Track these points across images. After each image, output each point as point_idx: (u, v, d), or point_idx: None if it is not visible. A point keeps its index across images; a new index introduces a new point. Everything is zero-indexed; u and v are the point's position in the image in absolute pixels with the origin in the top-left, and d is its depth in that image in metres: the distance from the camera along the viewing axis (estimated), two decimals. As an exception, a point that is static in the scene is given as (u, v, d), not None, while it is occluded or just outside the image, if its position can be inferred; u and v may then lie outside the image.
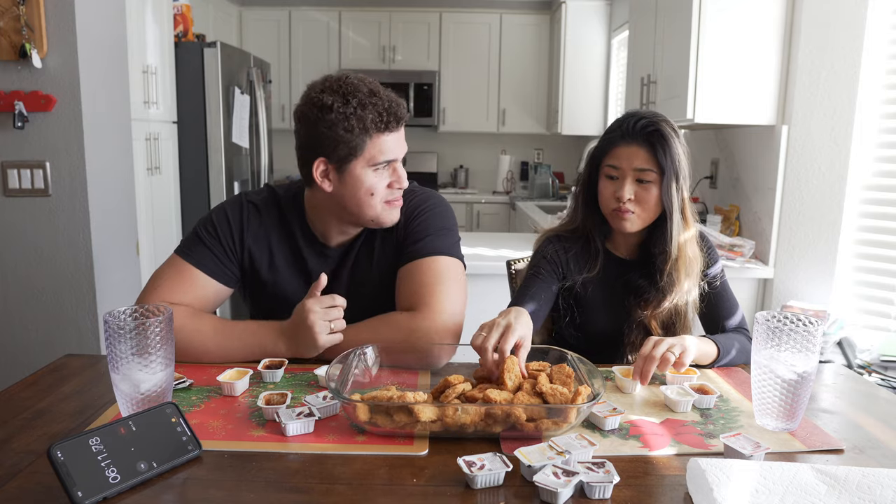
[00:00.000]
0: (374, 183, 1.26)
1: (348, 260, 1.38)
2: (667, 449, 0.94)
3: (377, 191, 1.26)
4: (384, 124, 1.23)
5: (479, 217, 5.25)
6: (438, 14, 5.29)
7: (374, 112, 1.21)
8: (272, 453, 0.91)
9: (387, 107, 1.23)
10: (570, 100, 4.80)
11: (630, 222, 1.35)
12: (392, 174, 1.28)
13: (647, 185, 1.32)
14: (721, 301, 1.42)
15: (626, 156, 1.33)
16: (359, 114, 1.21)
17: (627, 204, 1.33)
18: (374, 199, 1.27)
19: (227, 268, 1.34)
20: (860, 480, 0.79)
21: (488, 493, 0.81)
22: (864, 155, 2.27)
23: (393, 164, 1.28)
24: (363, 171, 1.25)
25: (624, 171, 1.33)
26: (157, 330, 0.96)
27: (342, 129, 1.21)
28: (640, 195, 1.32)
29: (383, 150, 1.24)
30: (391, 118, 1.23)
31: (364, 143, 1.23)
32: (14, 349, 2.23)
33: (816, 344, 0.97)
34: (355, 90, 1.22)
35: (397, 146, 1.27)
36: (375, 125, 1.22)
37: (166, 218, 3.16)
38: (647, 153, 1.31)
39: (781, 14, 2.34)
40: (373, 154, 1.24)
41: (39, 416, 1.02)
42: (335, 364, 1.03)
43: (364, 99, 1.21)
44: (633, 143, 1.32)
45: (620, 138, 1.34)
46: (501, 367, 1.03)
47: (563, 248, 1.44)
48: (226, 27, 4.94)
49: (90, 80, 2.18)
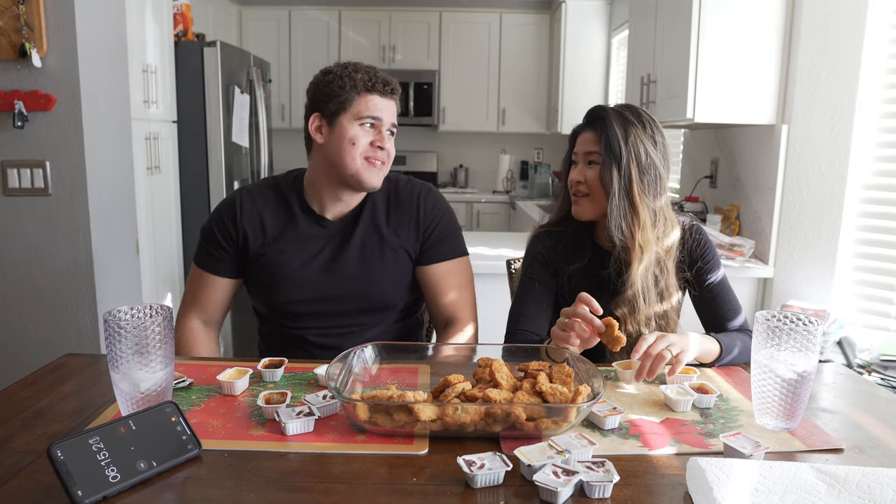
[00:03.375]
0: (357, 135, 1.39)
1: (352, 233, 1.45)
2: (667, 448, 0.94)
3: (359, 142, 1.39)
4: (371, 84, 1.39)
5: (479, 216, 5.25)
6: (438, 13, 5.28)
7: (364, 75, 1.39)
8: (272, 452, 0.91)
9: (378, 74, 1.41)
10: (570, 99, 4.79)
11: (581, 207, 1.39)
12: (376, 134, 1.40)
13: (595, 168, 1.36)
14: (723, 303, 1.41)
15: (581, 141, 1.40)
16: (351, 75, 1.39)
17: (578, 186, 1.38)
18: (355, 150, 1.38)
19: (234, 263, 1.48)
20: (860, 480, 0.79)
21: (488, 493, 0.81)
22: (864, 154, 2.27)
23: (378, 125, 1.40)
24: (349, 124, 1.39)
25: (578, 155, 1.40)
26: (157, 329, 0.96)
27: (336, 86, 1.39)
28: (591, 178, 1.37)
29: (369, 106, 1.39)
30: (378, 81, 1.40)
31: (353, 98, 1.38)
32: (14, 349, 2.23)
33: (816, 343, 0.97)
34: (356, 63, 1.42)
35: (384, 109, 1.41)
36: (364, 84, 1.39)
37: (166, 217, 3.16)
38: (593, 136, 1.36)
39: (781, 14, 2.34)
40: (359, 109, 1.39)
41: (39, 415, 1.02)
42: (335, 363, 1.04)
43: (360, 67, 1.41)
44: (585, 129, 1.39)
45: (580, 127, 1.42)
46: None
47: (552, 244, 1.45)
48: (226, 26, 4.94)
49: (90, 79, 2.18)
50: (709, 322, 1.43)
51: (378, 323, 1.48)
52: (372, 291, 1.45)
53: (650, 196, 1.33)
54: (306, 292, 1.44)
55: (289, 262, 1.43)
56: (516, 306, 1.44)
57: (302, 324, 1.47)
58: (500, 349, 1.19)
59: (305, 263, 1.44)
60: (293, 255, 1.44)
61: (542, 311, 1.40)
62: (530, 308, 1.40)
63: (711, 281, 1.41)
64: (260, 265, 1.45)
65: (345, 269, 1.44)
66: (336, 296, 1.44)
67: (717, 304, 1.41)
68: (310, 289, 1.44)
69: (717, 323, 1.41)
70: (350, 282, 1.44)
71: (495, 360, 1.06)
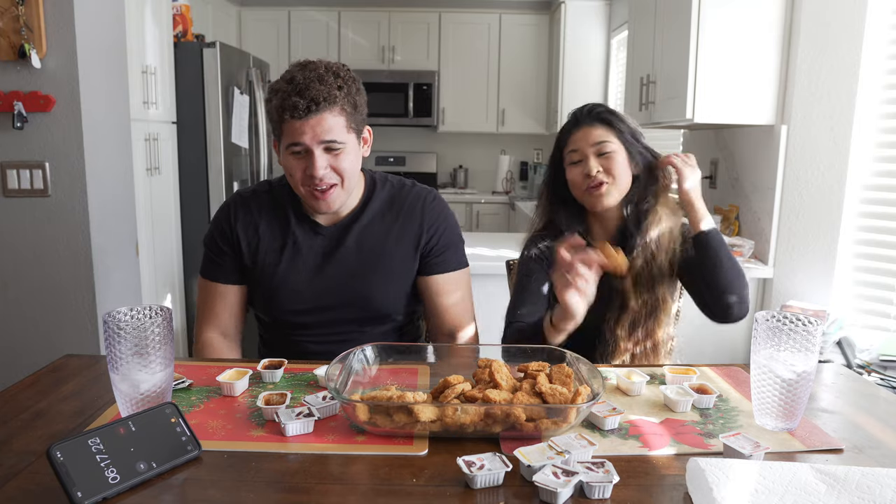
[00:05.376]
0: (291, 165, 1.32)
1: (347, 239, 1.42)
2: (666, 449, 0.94)
3: (294, 174, 1.32)
4: (282, 110, 1.27)
5: (479, 217, 5.25)
6: (438, 14, 5.28)
7: (279, 100, 1.28)
8: (272, 453, 0.91)
9: (290, 94, 1.26)
10: (570, 100, 4.79)
11: (607, 195, 1.41)
12: (308, 161, 1.29)
13: (609, 155, 1.41)
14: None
15: (582, 137, 1.43)
16: (274, 103, 1.29)
17: (598, 175, 1.40)
18: (294, 181, 1.33)
19: (236, 268, 1.45)
20: (860, 480, 0.79)
21: (488, 493, 0.81)
22: (864, 155, 2.27)
23: (305, 151, 1.29)
24: (284, 154, 1.33)
25: (584, 150, 1.42)
26: (157, 330, 0.96)
27: (270, 118, 1.33)
28: (606, 166, 1.40)
29: (291, 133, 1.28)
30: (287, 106, 1.26)
31: (279, 128, 1.31)
32: (14, 350, 2.23)
33: (816, 344, 0.97)
34: (284, 77, 1.30)
35: (305, 131, 1.27)
36: (278, 112, 1.28)
37: (166, 218, 3.16)
38: (600, 128, 1.42)
39: (781, 14, 2.34)
40: (286, 138, 1.30)
41: (39, 416, 1.02)
42: (335, 364, 1.03)
43: (281, 86, 1.29)
44: (584, 125, 1.43)
45: (574, 126, 1.45)
46: None
47: (545, 246, 1.47)
48: (225, 27, 4.94)
49: (89, 80, 2.18)
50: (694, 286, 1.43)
51: (375, 331, 1.44)
52: (370, 299, 1.41)
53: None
54: (301, 300, 1.41)
55: (284, 272, 1.40)
56: (513, 301, 1.45)
57: (300, 332, 1.44)
58: (499, 350, 1.19)
59: (299, 270, 1.41)
60: (287, 261, 1.41)
61: (538, 303, 1.41)
62: (527, 300, 1.42)
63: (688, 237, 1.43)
64: (256, 272, 1.42)
65: (339, 275, 1.40)
66: (332, 304, 1.41)
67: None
68: (305, 297, 1.41)
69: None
70: (345, 289, 1.40)
71: (495, 360, 1.06)
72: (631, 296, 1.40)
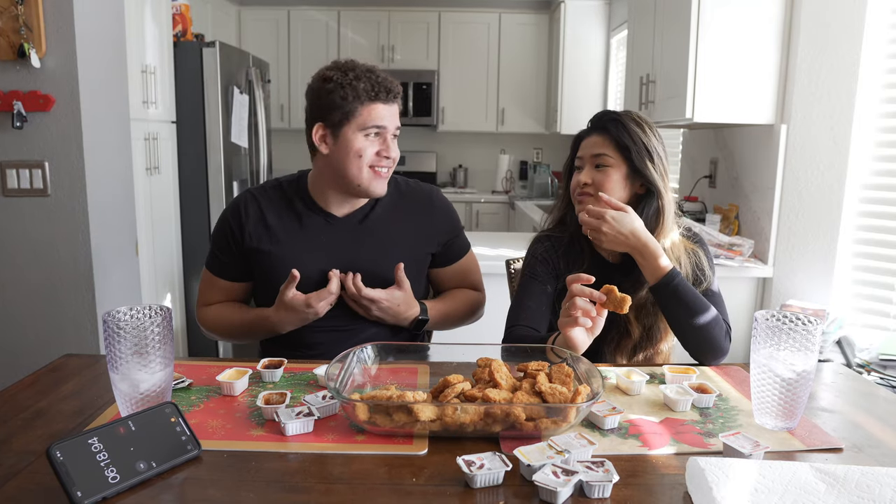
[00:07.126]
0: (364, 146, 1.38)
1: (362, 229, 1.47)
2: (666, 448, 0.94)
3: (365, 154, 1.38)
4: (375, 94, 1.36)
5: (479, 216, 5.25)
6: (437, 13, 5.28)
7: (367, 83, 1.36)
8: (272, 453, 0.91)
9: (379, 80, 1.37)
10: (570, 99, 4.79)
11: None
12: (381, 143, 1.40)
13: (604, 170, 1.37)
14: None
15: (586, 145, 1.41)
16: (353, 84, 1.35)
17: (585, 188, 1.39)
18: (361, 161, 1.38)
19: (240, 267, 1.49)
20: (859, 479, 0.79)
21: (488, 493, 0.81)
22: (863, 154, 2.27)
23: (383, 133, 1.40)
24: (354, 135, 1.37)
25: (584, 159, 1.41)
26: (156, 330, 0.96)
27: (338, 96, 1.36)
28: (599, 180, 1.37)
29: (373, 116, 1.37)
30: (381, 89, 1.37)
31: (356, 109, 1.36)
32: (14, 349, 2.23)
33: (815, 343, 0.97)
34: (354, 66, 1.39)
35: (387, 117, 1.39)
36: (367, 94, 1.36)
37: (165, 218, 3.16)
38: (601, 138, 1.38)
39: (780, 13, 2.34)
40: (363, 120, 1.36)
41: (39, 416, 1.02)
42: (334, 363, 1.04)
43: (360, 73, 1.37)
44: (591, 133, 1.41)
45: (585, 132, 1.44)
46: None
47: (552, 246, 1.45)
48: (225, 27, 4.94)
49: (89, 79, 2.18)
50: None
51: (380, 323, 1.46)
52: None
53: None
54: (312, 286, 1.40)
55: (294, 257, 1.42)
56: (516, 304, 1.44)
57: (312, 322, 1.43)
58: (499, 349, 1.19)
59: (311, 258, 1.42)
60: (298, 249, 1.43)
61: (541, 309, 1.40)
62: (530, 305, 1.40)
63: (706, 289, 1.38)
64: (266, 263, 1.44)
65: (352, 262, 1.42)
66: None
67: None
68: (315, 282, 1.41)
69: None
70: (364, 279, 1.41)
71: (494, 360, 1.06)
72: (633, 326, 1.38)
